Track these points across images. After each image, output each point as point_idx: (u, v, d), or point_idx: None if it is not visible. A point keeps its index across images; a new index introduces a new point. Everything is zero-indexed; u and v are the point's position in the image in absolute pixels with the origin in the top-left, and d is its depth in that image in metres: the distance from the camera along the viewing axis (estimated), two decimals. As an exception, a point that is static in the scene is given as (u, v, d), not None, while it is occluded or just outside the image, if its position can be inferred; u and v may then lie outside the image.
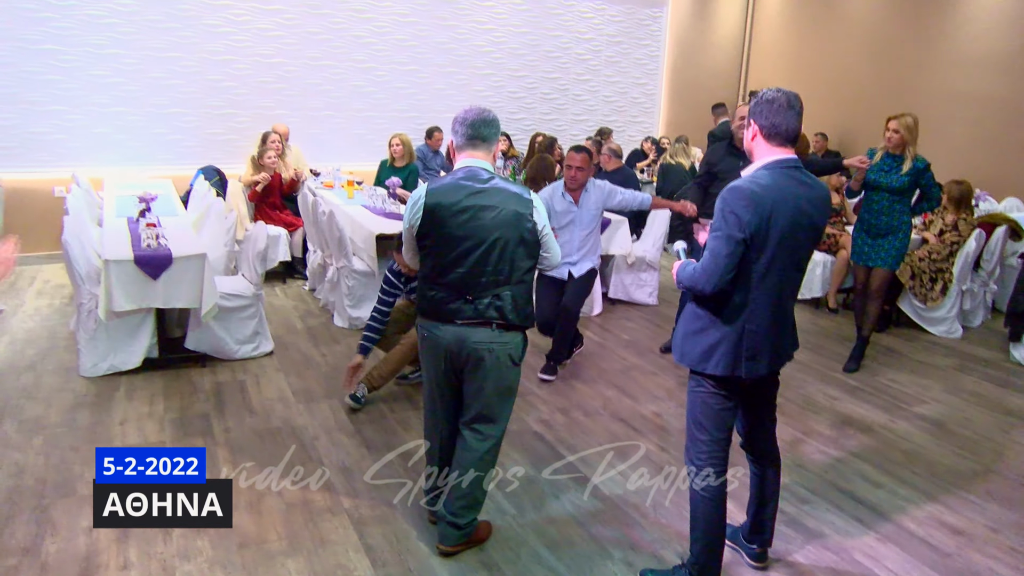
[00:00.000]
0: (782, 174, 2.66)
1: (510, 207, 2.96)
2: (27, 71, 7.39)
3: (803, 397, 5.02)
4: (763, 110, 2.69)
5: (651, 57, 11.26)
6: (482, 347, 3.02)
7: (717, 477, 2.87)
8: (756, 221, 2.58)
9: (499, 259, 2.97)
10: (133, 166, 7.81)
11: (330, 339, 5.82)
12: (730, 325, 2.72)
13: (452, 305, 3.01)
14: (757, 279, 2.66)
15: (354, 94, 9.14)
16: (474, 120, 3.04)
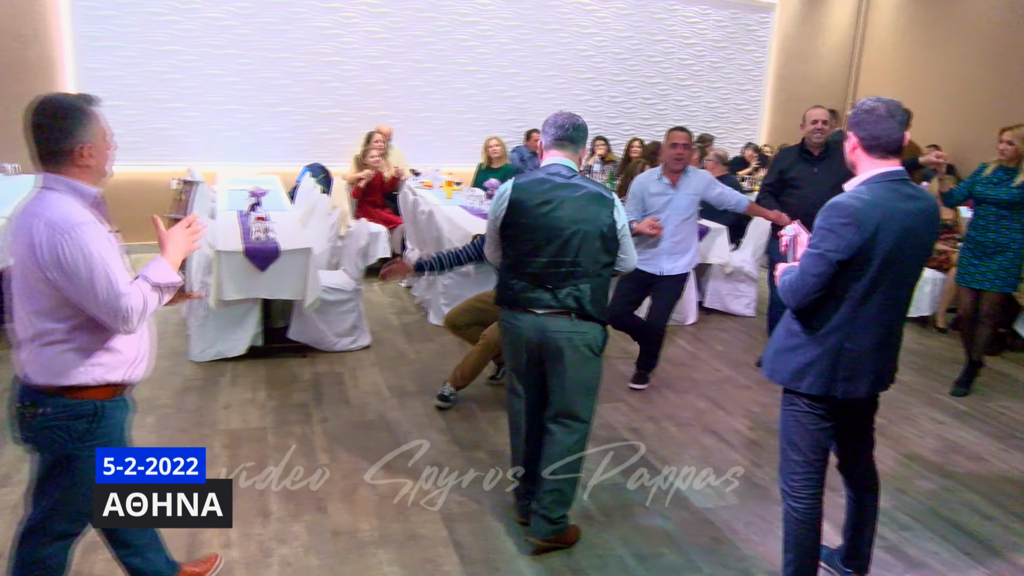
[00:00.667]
0: (886, 188, 2.54)
1: (591, 202, 3.07)
2: (152, 70, 7.82)
3: (907, 419, 4.81)
4: (862, 121, 2.57)
5: (756, 63, 11.01)
6: (561, 336, 3.09)
7: (813, 500, 2.78)
8: (859, 240, 2.47)
9: (578, 251, 3.06)
10: (244, 162, 8.16)
11: (424, 337, 5.92)
12: (827, 344, 2.61)
13: (532, 294, 3.11)
14: (859, 298, 2.56)
15: (455, 97, 9.29)
16: (564, 122, 3.17)
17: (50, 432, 2.26)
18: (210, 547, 3.16)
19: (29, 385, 2.25)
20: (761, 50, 10.99)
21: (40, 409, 2.24)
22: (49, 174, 2.20)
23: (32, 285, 2.17)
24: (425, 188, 7.82)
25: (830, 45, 11.39)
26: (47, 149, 2.19)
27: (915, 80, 10.53)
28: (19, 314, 2.25)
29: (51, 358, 2.21)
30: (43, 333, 2.20)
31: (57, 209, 2.13)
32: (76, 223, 2.12)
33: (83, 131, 2.20)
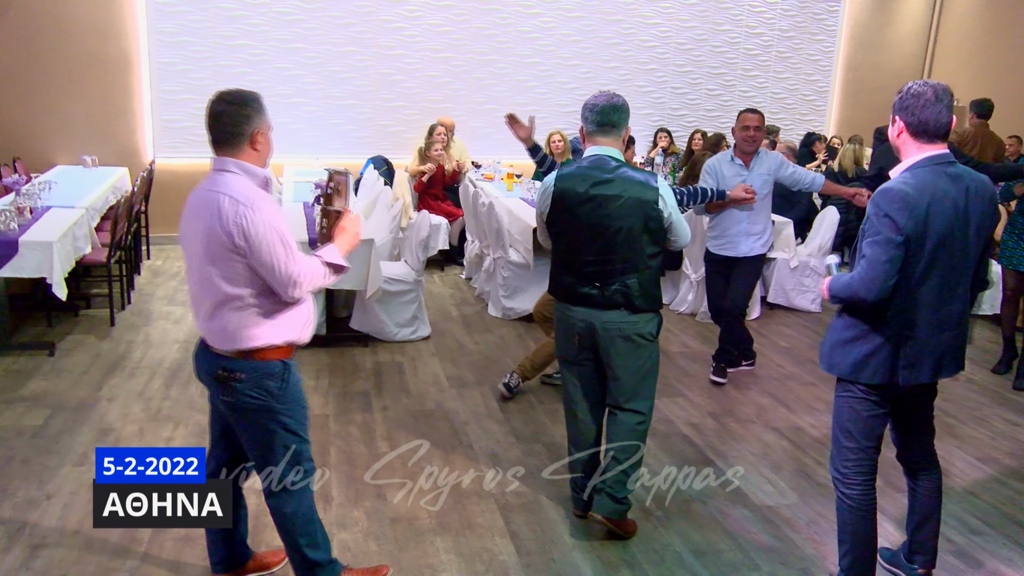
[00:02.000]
0: (933, 172, 2.53)
1: (635, 196, 3.00)
2: (222, 64, 8.02)
3: (979, 420, 4.64)
4: (909, 105, 2.53)
5: (824, 53, 10.71)
6: (613, 327, 3.09)
7: (865, 487, 2.75)
8: (912, 224, 2.46)
9: (625, 247, 3.03)
10: (309, 154, 8.31)
11: (484, 328, 5.96)
12: (886, 333, 2.60)
13: (581, 290, 3.11)
14: (915, 283, 2.54)
15: (517, 89, 9.28)
16: (604, 106, 3.06)
17: (248, 393, 2.45)
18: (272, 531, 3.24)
19: (220, 352, 2.46)
20: (830, 39, 10.69)
21: (237, 373, 2.43)
22: (225, 158, 2.43)
23: (220, 253, 2.36)
24: (486, 180, 7.85)
25: (903, 34, 11.02)
26: (228, 133, 2.41)
27: (993, 69, 10.11)
28: (203, 284, 2.43)
29: (240, 321, 2.41)
30: (232, 298, 2.40)
31: (239, 186, 2.37)
32: (257, 197, 2.38)
33: (258, 119, 2.44)
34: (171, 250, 7.90)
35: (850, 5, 10.61)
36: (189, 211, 2.47)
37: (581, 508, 3.39)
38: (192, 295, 2.54)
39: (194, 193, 2.49)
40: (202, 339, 2.54)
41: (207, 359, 2.50)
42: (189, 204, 2.49)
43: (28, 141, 7.51)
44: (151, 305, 6.09)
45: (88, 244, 5.50)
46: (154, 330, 5.52)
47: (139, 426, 4.09)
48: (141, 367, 4.86)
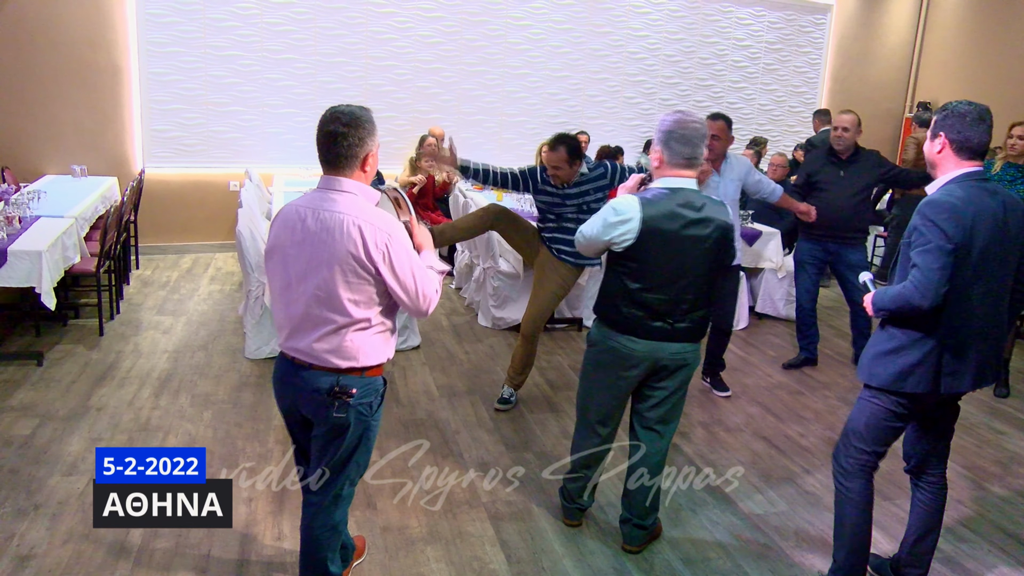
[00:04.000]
0: (973, 187, 2.62)
1: (719, 236, 2.91)
2: (212, 75, 8.02)
3: (966, 429, 4.69)
4: (954, 124, 2.64)
5: (811, 65, 10.83)
6: (678, 358, 3.02)
7: (866, 482, 2.86)
8: (959, 233, 2.55)
9: (702, 288, 2.96)
10: (300, 164, 8.31)
11: (474, 338, 5.97)
12: (931, 343, 2.66)
13: (653, 324, 2.97)
14: (960, 293, 2.61)
15: (507, 100, 9.33)
16: (694, 137, 2.85)
17: (357, 409, 2.48)
18: (264, 539, 3.24)
19: (333, 369, 2.44)
20: (817, 52, 10.81)
21: (352, 389, 2.44)
22: (340, 177, 2.40)
23: (356, 277, 2.36)
24: (476, 191, 7.88)
25: (889, 46, 11.15)
26: (343, 155, 2.38)
27: (977, 83, 10.24)
28: (323, 306, 2.39)
29: (365, 340, 2.44)
30: (360, 320, 2.41)
31: (370, 212, 2.37)
32: (394, 224, 2.40)
33: (372, 140, 2.44)
34: (160, 260, 7.88)
35: (836, 18, 10.74)
36: (300, 231, 2.38)
37: (573, 517, 3.43)
38: (290, 315, 2.44)
39: (302, 211, 2.40)
40: (292, 359, 2.47)
41: (311, 377, 2.44)
42: (299, 223, 2.39)
43: (17, 150, 7.48)
44: (140, 315, 6.08)
45: (77, 254, 5.49)
46: (143, 340, 5.51)
47: (128, 436, 4.08)
48: (130, 377, 4.84)
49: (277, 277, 2.48)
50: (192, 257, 8.11)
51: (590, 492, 3.43)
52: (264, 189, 7.78)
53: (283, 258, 2.44)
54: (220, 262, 7.95)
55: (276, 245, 2.46)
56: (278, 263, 2.46)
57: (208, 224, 8.27)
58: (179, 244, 8.24)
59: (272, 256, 2.49)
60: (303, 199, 2.46)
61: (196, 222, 8.29)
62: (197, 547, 3.15)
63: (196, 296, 6.68)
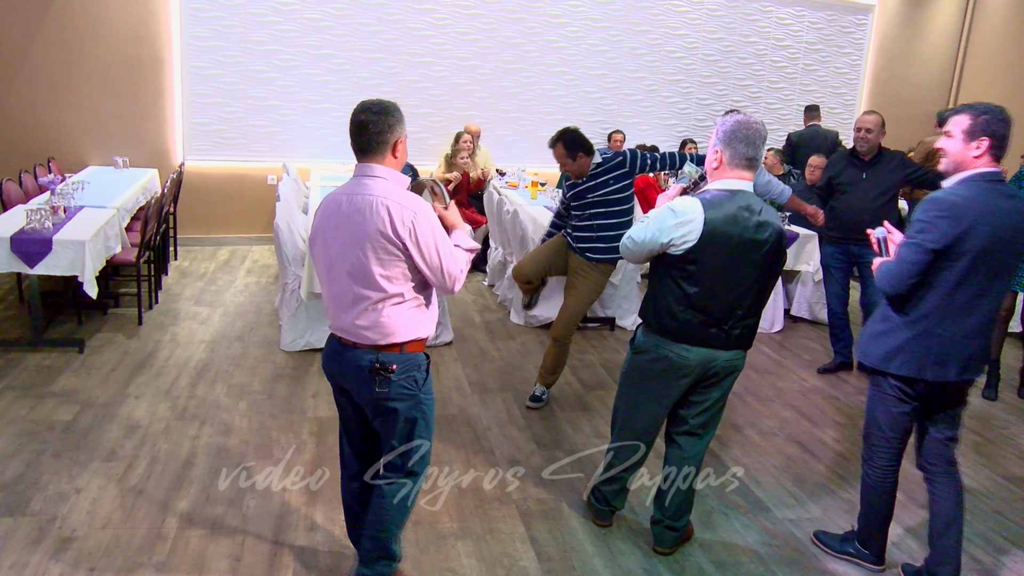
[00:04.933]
0: (985, 187, 2.73)
1: (776, 241, 2.87)
2: (252, 69, 8.12)
3: (1006, 439, 4.60)
4: (1001, 130, 2.74)
5: (852, 66, 10.68)
6: (729, 365, 3.00)
7: (886, 470, 3.06)
8: (953, 233, 2.67)
9: (758, 293, 2.93)
10: (337, 159, 8.39)
11: (506, 335, 5.98)
12: (918, 328, 2.82)
13: (704, 332, 2.91)
14: (952, 286, 2.75)
15: (543, 97, 9.33)
16: (754, 137, 2.80)
17: (399, 385, 2.59)
18: (296, 530, 3.28)
19: (373, 346, 2.56)
20: (858, 52, 10.66)
21: (392, 365, 2.56)
22: (372, 164, 2.55)
23: (387, 255, 2.49)
24: (510, 188, 7.88)
25: (932, 47, 10.95)
26: (374, 141, 2.53)
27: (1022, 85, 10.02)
28: (359, 283, 2.53)
29: (398, 315, 2.56)
30: (394, 295, 2.53)
31: (398, 193, 2.51)
32: (420, 202, 2.53)
33: (400, 127, 2.57)
34: (198, 251, 8.00)
35: (878, 18, 10.57)
36: (336, 215, 2.54)
37: (604, 519, 3.43)
38: (334, 295, 2.60)
39: (338, 198, 2.56)
40: (339, 339, 2.62)
41: (354, 356, 2.58)
42: (335, 208, 2.55)
43: (62, 141, 7.64)
44: (178, 305, 6.17)
45: (118, 244, 5.59)
46: (181, 330, 5.60)
47: (165, 424, 4.15)
48: (168, 366, 4.92)
49: (320, 261, 2.63)
50: (229, 249, 8.22)
51: (624, 496, 3.43)
52: (301, 183, 7.86)
53: (323, 242, 2.60)
54: (257, 255, 8.05)
55: (318, 231, 2.62)
56: (320, 247, 2.62)
57: (246, 217, 8.37)
58: (217, 236, 8.36)
59: (315, 242, 2.65)
60: (341, 187, 2.62)
61: (234, 215, 8.40)
62: (232, 535, 3.20)
63: (233, 288, 6.77)
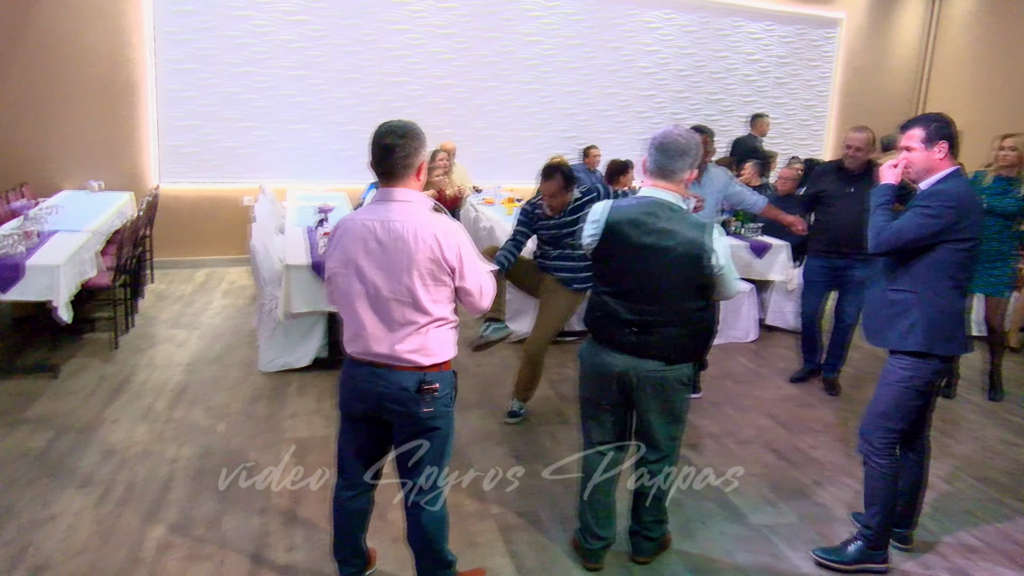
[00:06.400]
0: (964, 183, 3.04)
1: (686, 251, 2.83)
2: (227, 91, 8.14)
3: (977, 441, 4.67)
4: (952, 131, 3.05)
5: (821, 79, 10.86)
6: (654, 375, 2.98)
7: (895, 456, 3.18)
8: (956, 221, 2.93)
9: (667, 301, 2.89)
10: (313, 179, 8.41)
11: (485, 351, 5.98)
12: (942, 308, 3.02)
13: (622, 333, 2.97)
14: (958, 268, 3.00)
15: (518, 115, 9.41)
16: (669, 146, 2.87)
17: (441, 403, 2.63)
18: (276, 550, 3.27)
19: (417, 367, 2.58)
20: (827, 65, 10.85)
21: (436, 384, 2.59)
22: (398, 188, 2.56)
23: (434, 279, 2.53)
24: (487, 205, 7.93)
25: (898, 59, 11.17)
26: (400, 166, 2.54)
27: (988, 94, 10.23)
28: (406, 309, 2.54)
29: (442, 336, 2.61)
30: (439, 318, 2.59)
31: (436, 218, 2.55)
32: (460, 227, 2.59)
33: (424, 150, 2.60)
34: (175, 274, 7.97)
35: (846, 31, 10.78)
36: (371, 242, 2.51)
37: (593, 559, 3.25)
38: (372, 322, 2.56)
39: (369, 224, 2.52)
40: (370, 363, 2.59)
41: (397, 378, 2.58)
42: (367, 235, 2.51)
43: (36, 166, 7.60)
44: (155, 328, 6.15)
45: (93, 268, 5.57)
46: (158, 353, 5.57)
47: (143, 447, 4.12)
48: (145, 389, 4.90)
49: (351, 289, 2.57)
50: (206, 271, 8.20)
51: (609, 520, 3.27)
52: (278, 204, 7.86)
53: (356, 270, 2.55)
54: (234, 276, 8.03)
55: (348, 258, 2.56)
56: (352, 276, 2.57)
57: (222, 238, 8.36)
58: (193, 258, 8.34)
59: (346, 269, 2.57)
60: (365, 212, 2.58)
61: (210, 236, 8.38)
62: (210, 558, 3.19)
63: (210, 310, 6.75)
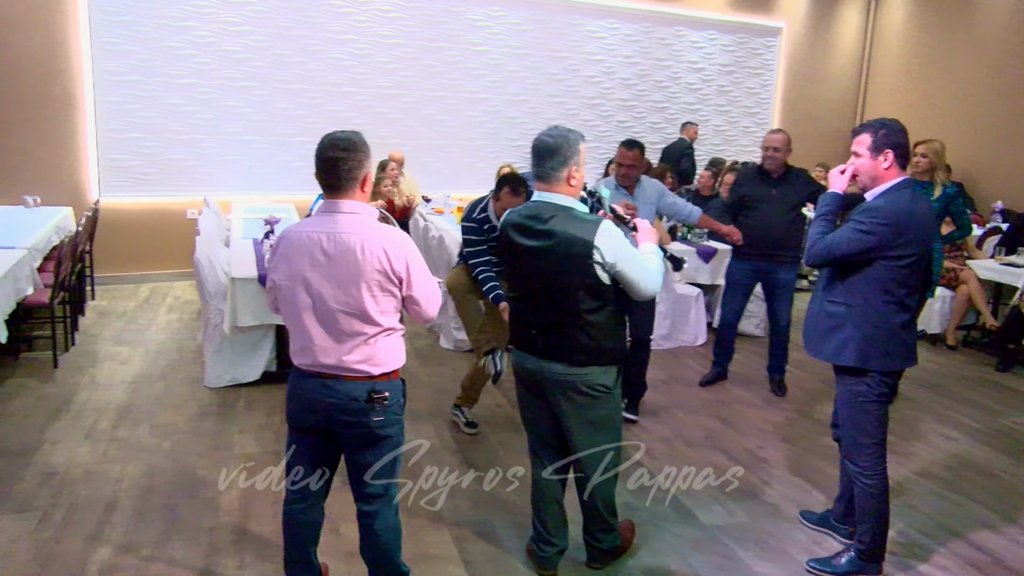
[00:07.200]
0: (908, 195, 2.96)
1: (565, 250, 2.79)
2: (170, 103, 7.99)
3: (918, 437, 4.80)
4: (901, 140, 2.99)
5: (763, 86, 11.11)
6: (561, 378, 2.94)
7: (883, 473, 3.17)
8: (891, 238, 2.88)
9: (561, 303, 2.86)
10: (260, 191, 8.30)
11: (436, 361, 5.98)
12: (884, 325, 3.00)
13: (524, 332, 3.02)
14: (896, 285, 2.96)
15: (467, 124, 9.42)
16: (537, 148, 2.90)
17: (391, 411, 2.63)
18: (225, 567, 3.21)
19: (367, 377, 2.57)
20: (769, 73, 11.09)
21: (385, 393, 2.59)
22: (345, 200, 2.54)
23: (383, 290, 2.53)
24: (436, 214, 7.92)
25: (838, 66, 11.48)
26: (344, 177, 2.51)
27: (924, 99, 10.58)
28: (354, 320, 2.53)
29: (390, 345, 2.61)
30: (388, 328, 2.58)
31: (383, 229, 2.54)
32: (408, 238, 2.59)
33: (369, 162, 2.57)
34: (117, 290, 7.78)
35: (786, 40, 11.04)
36: (318, 255, 2.50)
37: (548, 567, 3.24)
38: (319, 334, 2.55)
39: (315, 236, 2.50)
40: (318, 375, 2.58)
41: (347, 389, 2.56)
42: (313, 248, 2.50)
43: (-32, 182, 7.36)
44: (96, 346, 5.99)
45: (30, 285, 5.40)
46: (100, 371, 5.43)
47: (85, 469, 4.01)
48: (87, 409, 4.77)
49: (298, 301, 2.56)
50: (150, 286, 8.02)
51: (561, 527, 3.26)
52: (223, 216, 7.73)
53: (303, 283, 2.53)
54: (178, 291, 7.87)
55: (293, 271, 2.55)
56: (297, 287, 2.55)
57: (166, 253, 8.19)
58: (136, 273, 8.15)
59: (290, 282, 2.56)
60: (310, 224, 2.56)
61: (153, 251, 8.21)
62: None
63: (154, 326, 6.61)
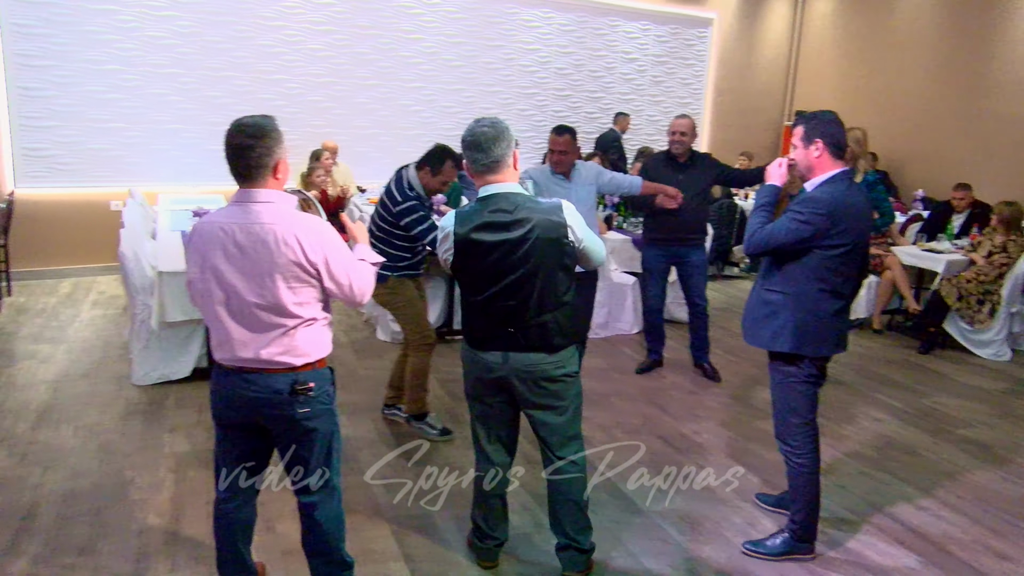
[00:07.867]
0: (846, 184, 3.01)
1: (543, 235, 2.76)
2: (90, 90, 7.68)
3: (847, 419, 4.96)
4: (831, 131, 3.03)
5: (696, 77, 11.27)
6: (535, 369, 2.89)
7: (814, 453, 3.25)
8: (826, 227, 2.93)
9: (541, 289, 2.81)
10: (188, 182, 8.05)
11: (373, 353, 5.91)
12: (813, 311, 3.07)
13: (495, 334, 2.89)
14: (830, 273, 3.02)
15: (401, 113, 9.32)
16: (483, 142, 2.79)
17: (318, 401, 2.56)
18: (156, 571, 3.11)
19: (289, 368, 2.49)
20: (701, 64, 11.26)
21: (310, 383, 2.52)
22: (257, 189, 2.44)
23: (298, 282, 2.44)
24: (371, 204, 7.80)
25: (767, 58, 11.73)
26: (254, 166, 2.41)
27: (850, 90, 10.89)
28: (271, 312, 2.45)
29: (313, 335, 2.53)
30: (307, 319, 2.50)
31: (298, 217, 2.46)
32: (325, 225, 2.50)
33: (280, 148, 2.46)
34: (36, 285, 7.47)
35: (717, 32, 11.22)
36: (231, 246, 2.41)
37: (488, 558, 3.25)
38: (234, 328, 2.46)
39: (227, 227, 2.41)
40: (239, 370, 2.49)
41: (268, 382, 2.49)
42: (226, 239, 2.40)
43: None
44: (13, 345, 5.74)
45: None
46: (18, 371, 5.20)
47: (1, 474, 3.84)
48: (3, 411, 4.56)
49: (212, 295, 2.47)
50: (72, 281, 7.72)
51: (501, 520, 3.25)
52: (149, 208, 7.48)
53: (215, 276, 2.45)
54: (103, 285, 7.60)
55: (205, 264, 2.46)
56: (210, 281, 2.46)
57: (89, 246, 7.88)
58: (57, 268, 7.83)
59: (203, 275, 2.47)
60: (221, 215, 2.47)
61: (75, 244, 7.90)
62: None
63: (77, 322, 6.36)
